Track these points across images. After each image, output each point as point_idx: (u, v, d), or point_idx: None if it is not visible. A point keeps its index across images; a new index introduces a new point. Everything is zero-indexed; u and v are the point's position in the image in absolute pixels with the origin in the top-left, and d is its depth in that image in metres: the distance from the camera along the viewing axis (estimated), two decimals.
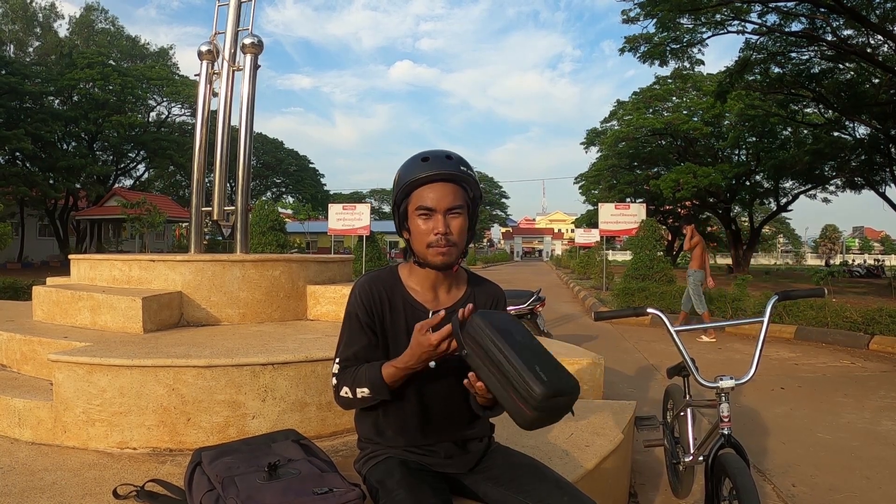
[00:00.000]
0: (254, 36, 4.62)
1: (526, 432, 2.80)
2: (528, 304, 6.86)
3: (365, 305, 1.78)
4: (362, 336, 1.77)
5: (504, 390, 1.45)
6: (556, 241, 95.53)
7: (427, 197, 1.69)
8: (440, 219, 1.69)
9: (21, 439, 2.70)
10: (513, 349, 1.45)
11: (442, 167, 1.70)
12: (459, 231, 1.72)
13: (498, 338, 1.47)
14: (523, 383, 1.41)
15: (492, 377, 1.48)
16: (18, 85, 29.23)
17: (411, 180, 1.71)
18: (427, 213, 1.70)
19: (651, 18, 16.18)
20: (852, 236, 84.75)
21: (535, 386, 1.39)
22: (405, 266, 1.86)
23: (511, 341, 1.47)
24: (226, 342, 3.02)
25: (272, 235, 17.64)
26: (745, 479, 2.08)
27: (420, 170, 1.70)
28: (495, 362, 1.46)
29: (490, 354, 1.47)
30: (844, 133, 22.56)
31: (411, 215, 1.73)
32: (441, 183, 1.70)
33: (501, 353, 1.45)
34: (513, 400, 1.44)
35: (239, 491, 1.69)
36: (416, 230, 1.72)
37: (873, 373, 7.00)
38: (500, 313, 1.61)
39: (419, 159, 1.72)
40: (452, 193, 1.71)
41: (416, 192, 1.71)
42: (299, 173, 58.17)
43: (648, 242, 14.79)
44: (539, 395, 1.38)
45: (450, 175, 1.70)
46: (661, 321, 2.52)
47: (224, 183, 4.69)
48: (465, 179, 1.73)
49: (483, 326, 1.50)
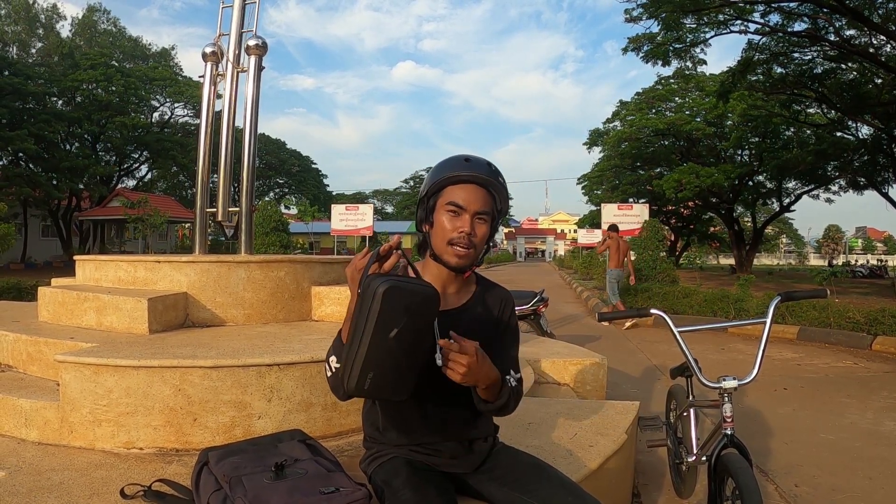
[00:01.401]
0: (258, 37, 4.63)
1: (531, 432, 2.83)
2: (532, 304, 6.86)
3: None
4: None
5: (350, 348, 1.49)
6: (559, 242, 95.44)
7: (460, 195, 1.72)
8: (467, 219, 1.72)
9: (28, 439, 2.71)
10: (368, 342, 1.44)
11: (481, 171, 1.74)
12: (482, 237, 1.75)
13: (373, 320, 1.43)
14: (348, 372, 1.48)
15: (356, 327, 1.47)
16: (21, 85, 29.31)
17: (449, 176, 1.74)
18: (456, 211, 1.72)
19: (654, 18, 16.17)
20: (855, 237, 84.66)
21: (350, 382, 1.48)
22: (416, 263, 1.87)
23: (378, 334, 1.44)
24: (231, 343, 3.03)
25: (275, 236, 17.69)
26: (747, 479, 2.09)
27: (461, 168, 1.74)
28: (356, 329, 1.47)
29: (358, 321, 1.46)
30: (847, 133, 22.51)
31: (439, 209, 1.75)
32: (476, 186, 1.74)
33: (362, 333, 1.45)
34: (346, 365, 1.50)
35: (246, 490, 1.70)
36: (440, 225, 1.74)
37: (876, 373, 7.00)
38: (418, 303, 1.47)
39: (462, 159, 1.76)
40: (484, 198, 1.74)
41: (449, 189, 1.74)
42: (302, 174, 58.32)
43: (651, 243, 14.79)
44: (347, 390, 1.50)
45: (486, 181, 1.74)
46: (664, 322, 2.54)
47: (228, 184, 4.70)
48: (497, 190, 1.77)
49: (375, 299, 1.43)
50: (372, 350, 1.45)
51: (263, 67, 4.71)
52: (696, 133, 28.54)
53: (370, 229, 19.14)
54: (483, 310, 1.88)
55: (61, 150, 32.78)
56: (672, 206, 33.62)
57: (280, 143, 57.11)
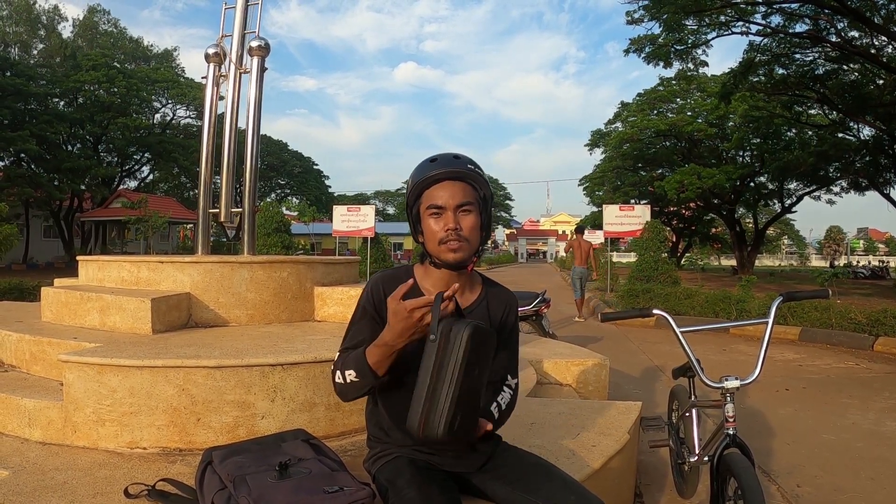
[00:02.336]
0: (261, 38, 4.64)
1: (533, 432, 2.84)
2: (534, 305, 6.86)
3: (375, 301, 1.80)
4: (368, 329, 1.77)
5: (424, 395, 1.49)
6: (561, 243, 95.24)
7: (437, 196, 1.73)
8: (450, 215, 1.72)
9: (31, 439, 2.72)
10: (459, 385, 1.48)
11: (449, 166, 1.74)
12: (471, 228, 1.75)
13: (461, 362, 1.48)
14: (438, 415, 1.47)
15: (427, 376, 1.50)
16: (23, 86, 29.33)
17: (421, 180, 1.75)
18: (437, 212, 1.73)
19: (655, 20, 16.18)
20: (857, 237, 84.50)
21: (442, 427, 1.46)
22: (420, 267, 1.87)
23: (467, 376, 1.49)
24: (235, 343, 3.04)
25: (277, 237, 17.70)
26: (750, 479, 2.09)
27: (429, 170, 1.74)
28: (441, 373, 1.48)
29: (443, 364, 1.48)
30: (849, 134, 22.49)
31: (423, 216, 1.76)
32: (450, 182, 1.74)
33: (451, 376, 1.47)
34: (422, 410, 1.49)
35: (250, 490, 1.71)
36: (428, 230, 1.75)
37: (878, 374, 7.00)
38: (488, 340, 1.59)
39: (427, 161, 1.77)
40: (462, 191, 1.74)
41: (426, 193, 1.75)
42: (304, 175, 58.34)
43: (653, 244, 14.79)
44: (438, 435, 1.46)
45: (458, 173, 1.74)
46: (666, 322, 2.54)
47: (231, 185, 4.71)
48: (473, 178, 1.76)
49: (462, 342, 1.49)
50: (463, 392, 1.48)
51: (266, 68, 4.72)
52: (697, 134, 28.52)
53: (372, 230, 19.11)
54: (489, 311, 1.89)
55: (63, 152, 32.78)
56: (674, 208, 33.60)
57: (282, 144, 57.12)
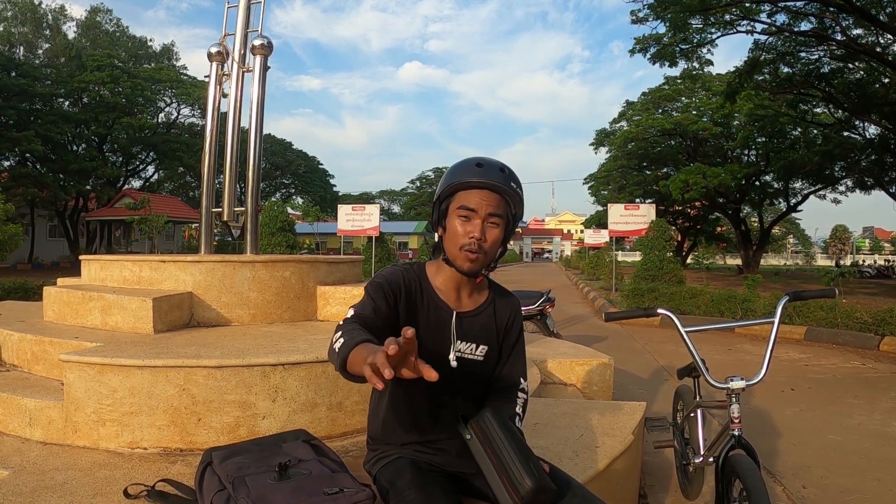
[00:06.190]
0: (263, 37, 4.63)
1: (538, 433, 2.81)
2: (538, 304, 6.83)
3: (390, 281, 1.77)
4: (379, 302, 1.71)
5: (498, 476, 1.62)
6: (566, 242, 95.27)
7: (471, 199, 1.71)
8: (478, 223, 1.70)
9: (32, 439, 2.71)
10: (514, 445, 1.63)
11: (493, 177, 1.71)
12: (493, 241, 1.74)
13: (504, 432, 1.65)
14: (519, 475, 1.58)
15: (488, 462, 1.64)
16: (28, 87, 29.47)
17: (460, 181, 1.72)
18: (467, 215, 1.71)
19: (660, 19, 16.14)
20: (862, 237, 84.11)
21: (527, 479, 1.57)
22: (432, 264, 1.87)
23: (514, 439, 1.66)
24: (236, 343, 3.03)
25: (281, 236, 17.67)
26: (755, 480, 2.07)
27: (472, 174, 1.71)
28: (496, 451, 1.64)
29: (493, 443, 1.65)
30: (854, 133, 22.44)
31: (451, 213, 1.74)
32: (489, 190, 1.71)
33: (504, 445, 1.63)
34: (504, 486, 1.60)
35: (250, 491, 1.69)
36: (452, 229, 1.73)
37: (884, 374, 6.95)
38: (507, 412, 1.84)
39: (473, 164, 1.73)
40: (496, 202, 1.72)
41: (461, 193, 1.73)
42: (308, 174, 58.34)
43: (658, 243, 14.75)
44: (530, 487, 1.56)
45: (498, 187, 1.72)
46: (671, 322, 2.51)
47: (234, 184, 4.71)
48: (511, 195, 1.74)
49: (493, 421, 1.68)
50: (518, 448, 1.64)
51: (269, 67, 4.71)
52: (702, 133, 28.50)
53: (377, 229, 19.15)
54: (495, 316, 1.90)
55: (68, 152, 32.93)
56: (679, 207, 33.57)
57: (286, 143, 57.12)
